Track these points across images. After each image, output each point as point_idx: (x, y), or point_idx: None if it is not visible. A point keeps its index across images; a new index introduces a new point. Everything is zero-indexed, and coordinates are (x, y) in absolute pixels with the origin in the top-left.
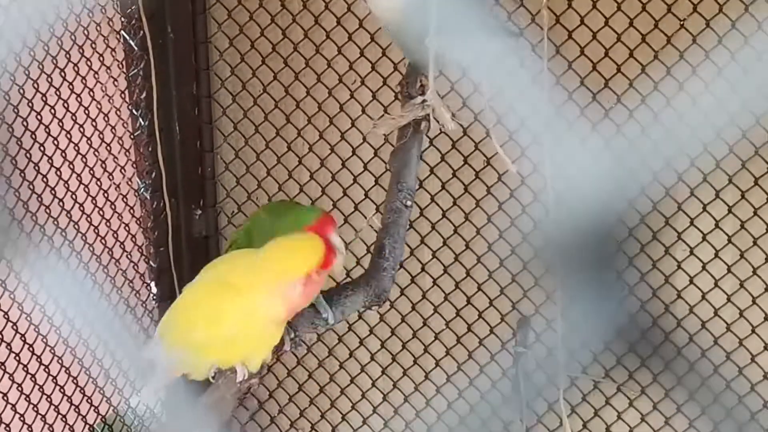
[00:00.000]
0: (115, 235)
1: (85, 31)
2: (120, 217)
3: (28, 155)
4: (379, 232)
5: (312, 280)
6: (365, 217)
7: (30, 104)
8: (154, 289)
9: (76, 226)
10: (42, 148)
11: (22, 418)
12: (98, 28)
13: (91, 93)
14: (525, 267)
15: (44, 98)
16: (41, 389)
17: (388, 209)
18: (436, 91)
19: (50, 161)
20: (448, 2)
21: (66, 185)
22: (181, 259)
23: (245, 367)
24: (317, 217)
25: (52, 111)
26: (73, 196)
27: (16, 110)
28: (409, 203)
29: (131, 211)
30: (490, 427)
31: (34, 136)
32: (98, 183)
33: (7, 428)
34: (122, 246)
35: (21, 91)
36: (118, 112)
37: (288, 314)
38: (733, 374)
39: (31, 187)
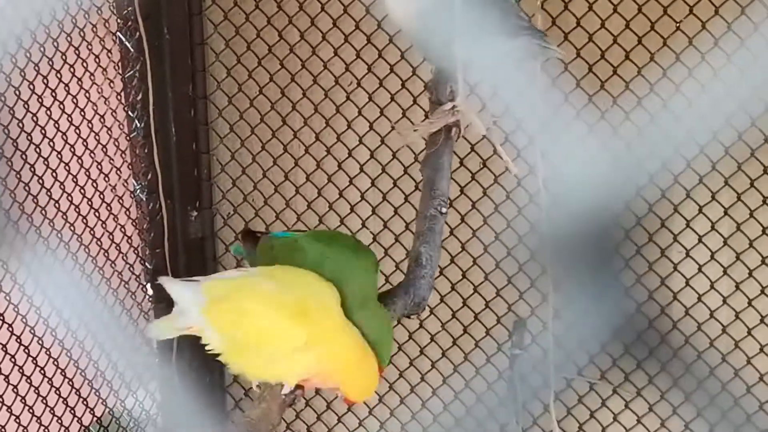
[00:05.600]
0: (110, 236)
1: (81, 33)
2: (116, 219)
3: (24, 156)
4: (415, 240)
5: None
6: (361, 219)
7: (26, 105)
8: (150, 291)
9: (72, 228)
10: (38, 150)
11: (17, 420)
12: (94, 29)
13: (87, 94)
14: (521, 269)
15: (40, 99)
16: (37, 391)
17: (423, 217)
18: (466, 96)
19: (46, 163)
20: (468, 5)
21: (62, 186)
22: (177, 260)
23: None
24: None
25: (48, 112)
26: (69, 198)
27: (12, 111)
28: (444, 210)
29: (127, 212)
30: (486, 429)
31: (30, 138)
32: (94, 184)
33: (3, 429)
34: (118, 248)
35: (17, 92)
36: (114, 114)
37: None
38: (729, 376)
39: (27, 188)
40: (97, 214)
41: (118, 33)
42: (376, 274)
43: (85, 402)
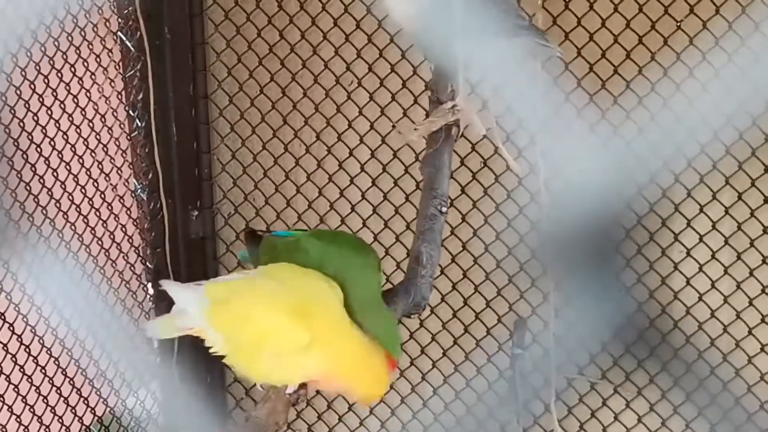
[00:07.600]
0: (111, 236)
1: (82, 32)
2: (117, 218)
3: (24, 156)
4: (415, 239)
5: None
6: (362, 219)
7: (27, 105)
8: (151, 291)
9: (73, 227)
10: (39, 149)
11: (18, 419)
12: (95, 29)
13: (88, 94)
14: (522, 268)
15: (41, 99)
16: (38, 390)
17: (423, 216)
18: (465, 96)
19: (47, 162)
20: (468, 5)
21: (63, 186)
22: (177, 260)
23: None
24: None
25: (49, 112)
26: (70, 197)
27: (12, 111)
28: (444, 209)
29: (128, 212)
30: (486, 428)
31: (30, 137)
32: (95, 184)
33: (4, 429)
34: (119, 247)
35: (18, 92)
36: (114, 113)
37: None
38: (730, 375)
39: (27, 188)
40: (98, 213)
41: (119, 32)
42: (379, 273)
43: (86, 401)
